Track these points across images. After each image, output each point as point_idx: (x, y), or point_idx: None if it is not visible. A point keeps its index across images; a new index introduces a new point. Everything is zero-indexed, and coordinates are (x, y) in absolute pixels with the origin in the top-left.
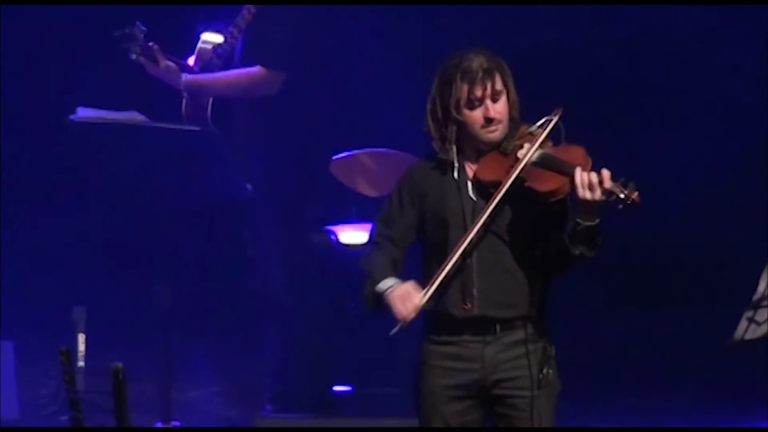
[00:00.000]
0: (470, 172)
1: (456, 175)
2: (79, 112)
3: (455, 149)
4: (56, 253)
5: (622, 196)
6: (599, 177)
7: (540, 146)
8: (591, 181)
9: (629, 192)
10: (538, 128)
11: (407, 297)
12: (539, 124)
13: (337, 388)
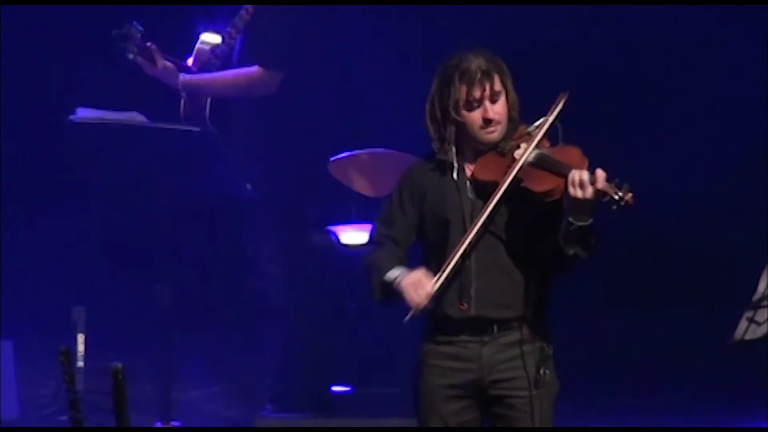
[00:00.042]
0: (469, 172)
1: (455, 176)
2: (79, 113)
3: (454, 150)
4: (56, 253)
5: (616, 197)
6: (593, 177)
7: (537, 146)
8: (582, 180)
9: (623, 193)
10: (536, 128)
11: (419, 284)
12: (537, 124)
13: (337, 388)
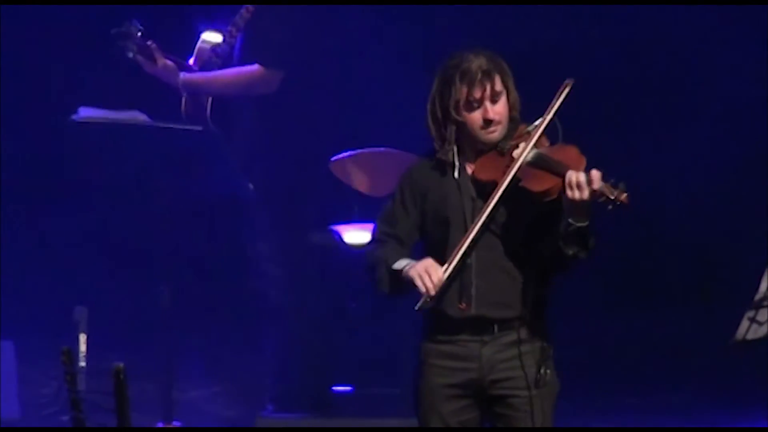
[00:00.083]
0: (470, 172)
1: (456, 175)
2: (81, 112)
3: (455, 149)
4: (57, 253)
5: (612, 197)
6: (589, 177)
7: (535, 146)
8: (579, 181)
9: (618, 193)
10: (535, 127)
11: (430, 269)
12: (536, 124)
13: (337, 388)
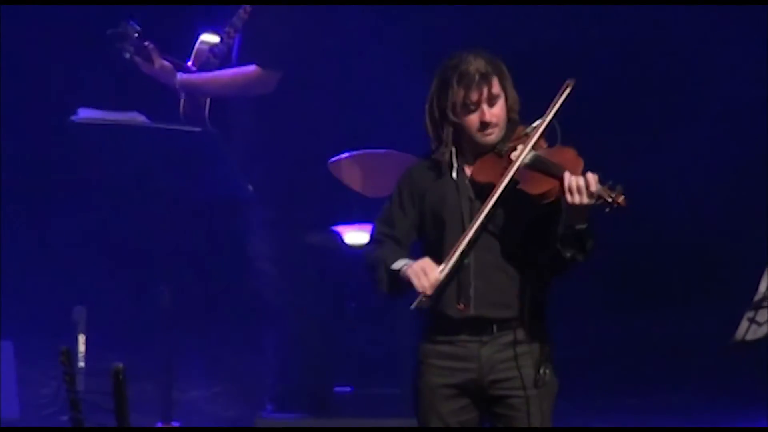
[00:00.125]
0: (469, 172)
1: (455, 175)
2: (81, 113)
3: (454, 150)
4: (56, 253)
5: (609, 200)
6: (586, 180)
7: (533, 148)
8: (578, 185)
9: (616, 196)
10: (534, 129)
11: (427, 269)
12: (535, 125)
13: (338, 389)
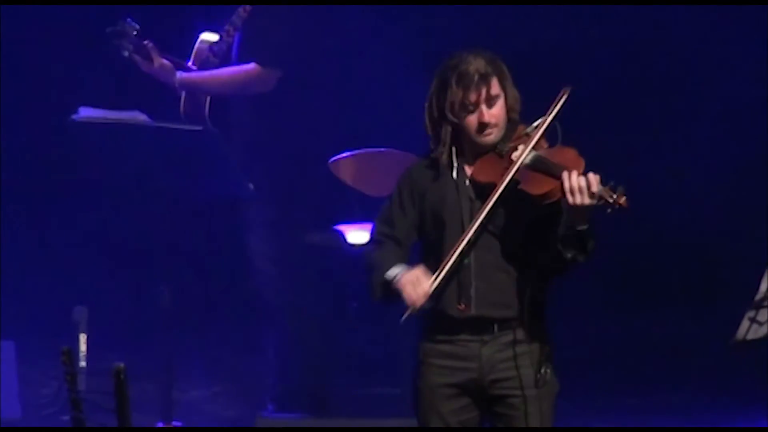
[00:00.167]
0: (469, 172)
1: (455, 175)
2: (81, 112)
3: (454, 150)
4: (57, 253)
5: (610, 201)
6: (587, 181)
7: (534, 148)
8: (580, 186)
9: (617, 196)
10: (534, 129)
11: (417, 282)
12: (535, 125)
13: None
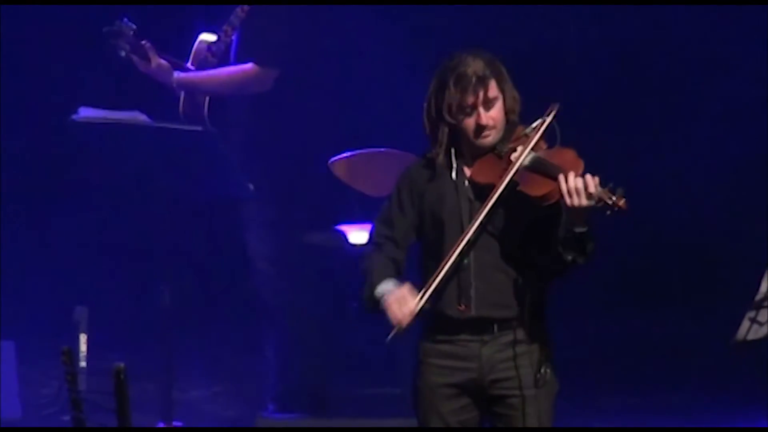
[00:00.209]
0: (468, 173)
1: (454, 176)
2: (81, 112)
3: (453, 151)
4: (57, 253)
5: (609, 203)
6: (585, 183)
7: (533, 149)
8: (577, 188)
9: (617, 199)
10: (533, 130)
11: (402, 302)
12: (534, 126)
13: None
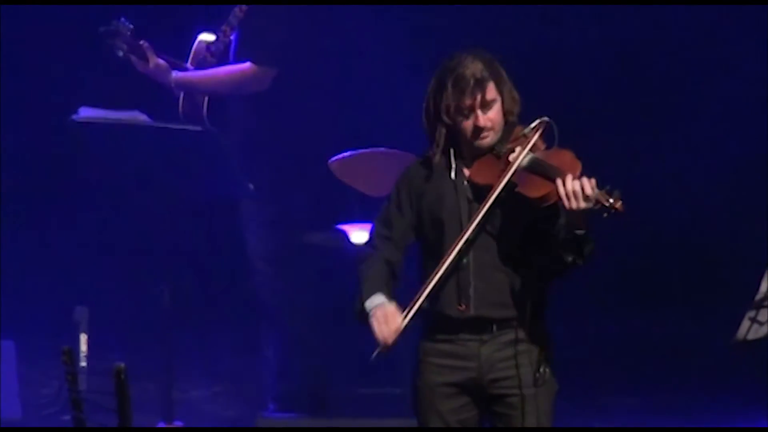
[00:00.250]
0: (467, 173)
1: (453, 176)
2: (82, 112)
3: (452, 151)
4: (57, 253)
5: (606, 205)
6: (582, 185)
7: (531, 150)
8: (575, 190)
9: (613, 200)
10: (531, 130)
11: (388, 320)
12: (532, 126)
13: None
